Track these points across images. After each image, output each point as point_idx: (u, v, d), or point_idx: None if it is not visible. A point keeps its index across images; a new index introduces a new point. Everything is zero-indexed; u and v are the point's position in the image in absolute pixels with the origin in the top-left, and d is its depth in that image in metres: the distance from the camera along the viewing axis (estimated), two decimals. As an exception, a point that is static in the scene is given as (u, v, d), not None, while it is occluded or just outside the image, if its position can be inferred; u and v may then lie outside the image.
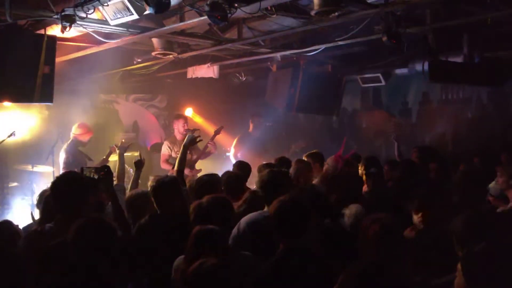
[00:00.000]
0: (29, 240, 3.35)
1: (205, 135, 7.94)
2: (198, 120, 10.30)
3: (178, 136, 7.93)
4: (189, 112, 10.28)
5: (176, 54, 7.15)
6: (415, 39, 6.80)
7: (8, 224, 3.91)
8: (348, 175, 5.17)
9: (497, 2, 5.46)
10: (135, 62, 8.25)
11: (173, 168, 7.31)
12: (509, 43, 7.31)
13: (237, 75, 9.53)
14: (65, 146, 7.45)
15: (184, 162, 5.20)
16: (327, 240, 3.36)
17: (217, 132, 7.87)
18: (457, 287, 2.22)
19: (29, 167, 8.06)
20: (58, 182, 3.55)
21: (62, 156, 7.39)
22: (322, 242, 3.26)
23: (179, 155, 5.30)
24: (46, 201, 3.81)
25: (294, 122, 10.52)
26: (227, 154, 9.56)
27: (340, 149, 6.43)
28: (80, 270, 2.69)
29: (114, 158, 8.54)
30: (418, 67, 7.63)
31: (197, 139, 5.54)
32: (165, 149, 7.93)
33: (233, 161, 8.61)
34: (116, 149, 6.09)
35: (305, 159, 6.18)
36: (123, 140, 6.18)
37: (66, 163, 7.25)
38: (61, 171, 7.26)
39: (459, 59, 7.30)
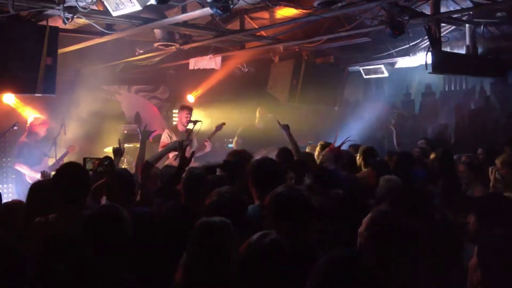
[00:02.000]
0: (33, 230, 3.32)
1: (205, 127, 7.95)
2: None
3: (180, 127, 7.92)
4: (190, 99, 10.27)
5: (178, 45, 7.14)
6: (418, 30, 6.78)
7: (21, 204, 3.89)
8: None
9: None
10: (137, 53, 8.24)
11: (175, 158, 7.32)
12: (511, 35, 7.29)
13: (239, 66, 9.52)
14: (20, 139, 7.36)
15: (143, 155, 5.22)
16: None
17: (218, 128, 7.86)
18: (471, 270, 2.18)
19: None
20: (61, 174, 3.51)
21: (16, 149, 7.30)
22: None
23: (139, 150, 5.33)
24: (32, 194, 3.70)
25: (296, 113, 10.52)
26: (230, 146, 9.57)
27: (333, 142, 6.42)
28: (92, 260, 2.70)
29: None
30: (421, 58, 7.61)
31: (151, 133, 5.50)
32: (164, 137, 7.93)
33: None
34: (139, 134, 5.76)
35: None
36: (147, 125, 5.98)
37: (20, 157, 7.18)
38: (16, 166, 7.22)
39: (462, 50, 7.28)
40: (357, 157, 5.83)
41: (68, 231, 2.93)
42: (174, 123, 9.81)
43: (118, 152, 5.28)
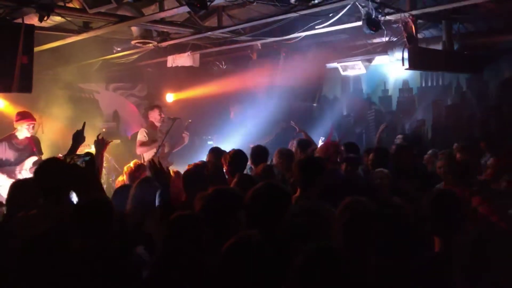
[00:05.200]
0: (16, 225, 3.30)
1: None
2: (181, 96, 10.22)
3: (156, 124, 7.92)
4: (169, 98, 10.22)
5: (155, 43, 7.10)
6: (395, 26, 6.86)
7: None
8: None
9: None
10: (114, 51, 8.16)
11: (154, 155, 7.29)
12: (486, 31, 7.43)
13: (218, 63, 9.51)
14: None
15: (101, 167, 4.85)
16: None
17: (186, 127, 7.86)
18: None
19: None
20: (42, 169, 3.50)
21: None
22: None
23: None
24: (13, 192, 3.73)
25: (275, 110, 10.55)
26: (209, 143, 9.56)
27: (328, 138, 6.50)
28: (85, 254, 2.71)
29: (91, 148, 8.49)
30: (398, 54, 7.70)
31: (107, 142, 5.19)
32: (141, 136, 7.87)
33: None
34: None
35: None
36: (103, 131, 5.76)
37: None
38: None
39: (438, 47, 7.39)
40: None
41: (49, 226, 2.91)
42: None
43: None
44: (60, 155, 7.04)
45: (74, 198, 3.85)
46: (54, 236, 2.70)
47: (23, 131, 6.77)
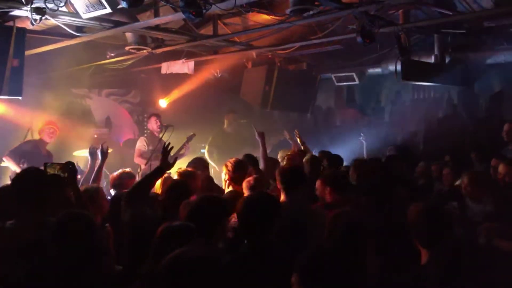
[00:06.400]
0: None
1: (178, 132, 7.88)
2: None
3: (155, 134, 7.91)
4: (163, 103, 10.19)
5: (150, 49, 7.07)
6: (389, 39, 6.89)
7: None
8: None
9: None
10: (108, 56, 8.11)
11: (146, 163, 7.26)
12: (477, 45, 7.50)
13: (213, 71, 9.48)
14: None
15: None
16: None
17: (189, 139, 7.80)
18: None
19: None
20: (20, 179, 3.39)
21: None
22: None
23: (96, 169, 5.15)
24: None
25: (269, 119, 10.56)
26: (202, 151, 9.52)
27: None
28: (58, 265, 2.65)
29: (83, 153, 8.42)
30: (391, 66, 7.73)
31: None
32: (140, 145, 7.87)
33: (208, 158, 8.59)
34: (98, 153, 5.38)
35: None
36: (95, 136, 5.76)
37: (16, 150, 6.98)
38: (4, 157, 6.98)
39: (430, 60, 7.44)
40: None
41: (25, 238, 2.84)
42: (145, 128, 9.75)
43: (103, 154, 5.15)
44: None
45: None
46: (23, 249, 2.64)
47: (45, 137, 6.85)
